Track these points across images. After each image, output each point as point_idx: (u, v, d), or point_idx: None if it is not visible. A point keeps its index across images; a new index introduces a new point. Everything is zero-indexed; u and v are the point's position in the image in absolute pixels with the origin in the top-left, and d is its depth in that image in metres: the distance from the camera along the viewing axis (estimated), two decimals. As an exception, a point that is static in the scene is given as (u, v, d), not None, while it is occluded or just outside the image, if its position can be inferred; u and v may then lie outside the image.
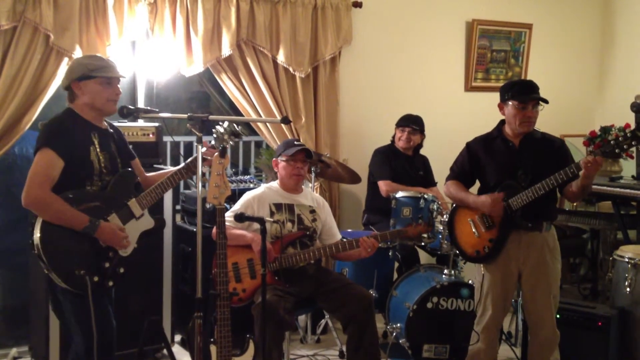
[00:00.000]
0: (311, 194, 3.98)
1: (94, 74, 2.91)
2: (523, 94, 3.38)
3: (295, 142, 3.88)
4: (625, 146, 3.14)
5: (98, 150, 2.94)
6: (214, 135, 3.00)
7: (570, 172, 3.22)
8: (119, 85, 3.02)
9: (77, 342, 2.91)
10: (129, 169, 3.09)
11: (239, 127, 3.03)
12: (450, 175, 3.67)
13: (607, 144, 3.17)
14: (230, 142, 2.98)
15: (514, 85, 3.47)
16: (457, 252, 3.75)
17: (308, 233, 3.76)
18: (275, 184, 3.89)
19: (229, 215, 3.57)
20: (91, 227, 2.81)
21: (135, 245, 3.02)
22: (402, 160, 4.80)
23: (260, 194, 3.79)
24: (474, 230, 3.52)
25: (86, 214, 2.82)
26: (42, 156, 2.81)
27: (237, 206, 3.76)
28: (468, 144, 3.62)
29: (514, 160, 3.44)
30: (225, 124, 2.99)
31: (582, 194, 3.38)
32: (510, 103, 3.41)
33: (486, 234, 3.48)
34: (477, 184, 3.67)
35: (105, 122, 3.07)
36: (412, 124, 4.72)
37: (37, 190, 2.77)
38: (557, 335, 3.45)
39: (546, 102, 3.39)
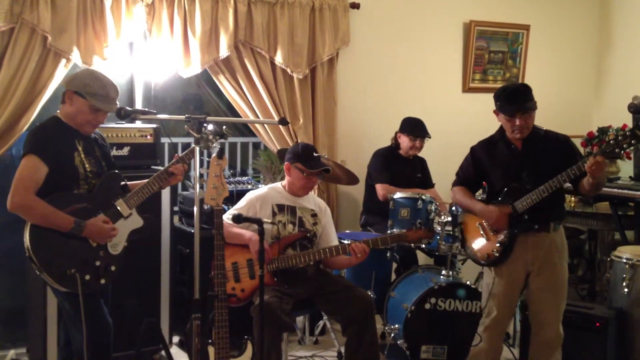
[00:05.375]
0: (314, 198, 3.98)
1: (87, 97, 2.96)
2: (509, 104, 3.35)
3: (315, 154, 3.80)
4: (625, 145, 3.12)
5: (82, 155, 3.00)
6: (199, 136, 2.99)
7: (572, 174, 3.22)
8: (110, 113, 3.06)
9: (77, 341, 2.96)
10: (115, 171, 3.14)
11: (224, 127, 3.03)
12: (456, 180, 3.66)
13: (607, 144, 3.16)
14: (215, 144, 2.98)
15: (500, 95, 3.42)
16: (469, 257, 3.71)
17: (308, 235, 3.75)
18: (279, 185, 3.87)
19: (230, 214, 3.56)
20: (77, 228, 2.88)
21: (125, 243, 3.08)
22: (401, 164, 4.81)
23: (263, 195, 3.78)
24: (482, 234, 3.51)
25: (74, 216, 2.88)
26: (26, 162, 2.88)
27: (240, 205, 3.76)
28: (472, 149, 3.61)
29: (518, 162, 3.42)
30: (210, 125, 2.99)
31: (595, 190, 3.36)
32: (500, 113, 3.42)
33: (494, 237, 3.47)
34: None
35: None
36: (425, 133, 4.73)
37: (21, 194, 2.84)
38: (560, 336, 3.43)
39: (534, 109, 3.36)
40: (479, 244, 3.55)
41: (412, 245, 4.40)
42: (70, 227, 2.86)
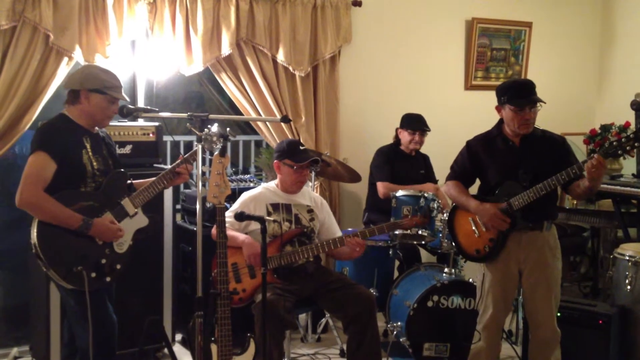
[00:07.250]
0: (309, 194, 3.96)
1: (107, 91, 2.99)
2: (519, 97, 3.33)
3: (301, 147, 3.81)
4: (627, 147, 3.13)
5: (90, 153, 3.00)
6: (201, 134, 2.99)
7: (572, 173, 3.21)
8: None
9: (82, 338, 2.96)
10: (122, 170, 3.14)
11: (228, 129, 3.03)
12: (451, 174, 3.65)
13: (610, 146, 3.16)
14: (219, 145, 2.98)
15: (509, 88, 3.41)
16: (457, 250, 3.75)
17: (306, 231, 3.75)
18: (272, 184, 3.88)
19: (227, 216, 3.56)
20: (85, 225, 2.88)
21: (130, 242, 3.09)
22: (404, 161, 4.80)
23: (257, 195, 3.78)
24: (474, 229, 3.51)
25: (80, 214, 2.89)
26: (35, 158, 2.88)
27: (234, 207, 3.76)
28: (468, 143, 3.60)
29: (515, 159, 3.42)
30: (214, 126, 2.99)
31: (589, 193, 3.38)
32: (507, 106, 3.38)
33: (486, 234, 3.46)
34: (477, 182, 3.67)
35: (95, 127, 3.13)
36: (423, 126, 4.73)
37: (30, 191, 2.84)
38: (557, 334, 3.44)
39: (543, 102, 3.37)
40: (469, 238, 3.54)
41: (415, 242, 4.41)
42: (77, 225, 2.86)
